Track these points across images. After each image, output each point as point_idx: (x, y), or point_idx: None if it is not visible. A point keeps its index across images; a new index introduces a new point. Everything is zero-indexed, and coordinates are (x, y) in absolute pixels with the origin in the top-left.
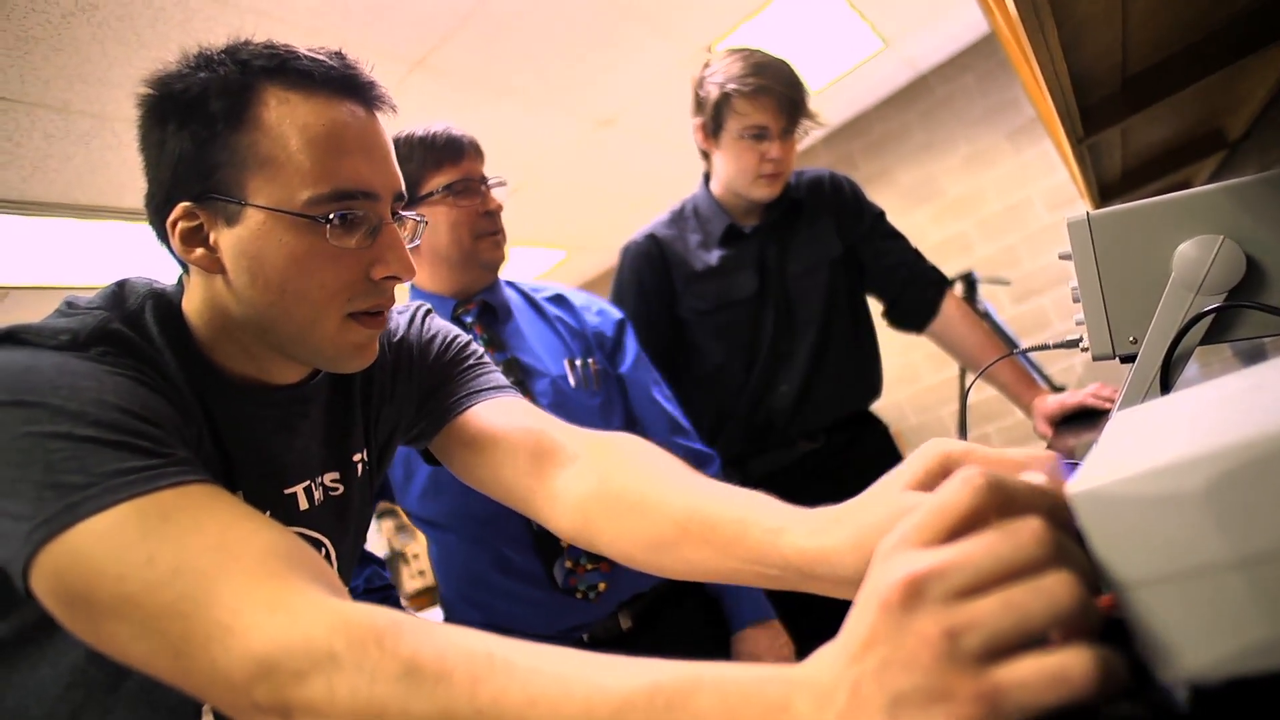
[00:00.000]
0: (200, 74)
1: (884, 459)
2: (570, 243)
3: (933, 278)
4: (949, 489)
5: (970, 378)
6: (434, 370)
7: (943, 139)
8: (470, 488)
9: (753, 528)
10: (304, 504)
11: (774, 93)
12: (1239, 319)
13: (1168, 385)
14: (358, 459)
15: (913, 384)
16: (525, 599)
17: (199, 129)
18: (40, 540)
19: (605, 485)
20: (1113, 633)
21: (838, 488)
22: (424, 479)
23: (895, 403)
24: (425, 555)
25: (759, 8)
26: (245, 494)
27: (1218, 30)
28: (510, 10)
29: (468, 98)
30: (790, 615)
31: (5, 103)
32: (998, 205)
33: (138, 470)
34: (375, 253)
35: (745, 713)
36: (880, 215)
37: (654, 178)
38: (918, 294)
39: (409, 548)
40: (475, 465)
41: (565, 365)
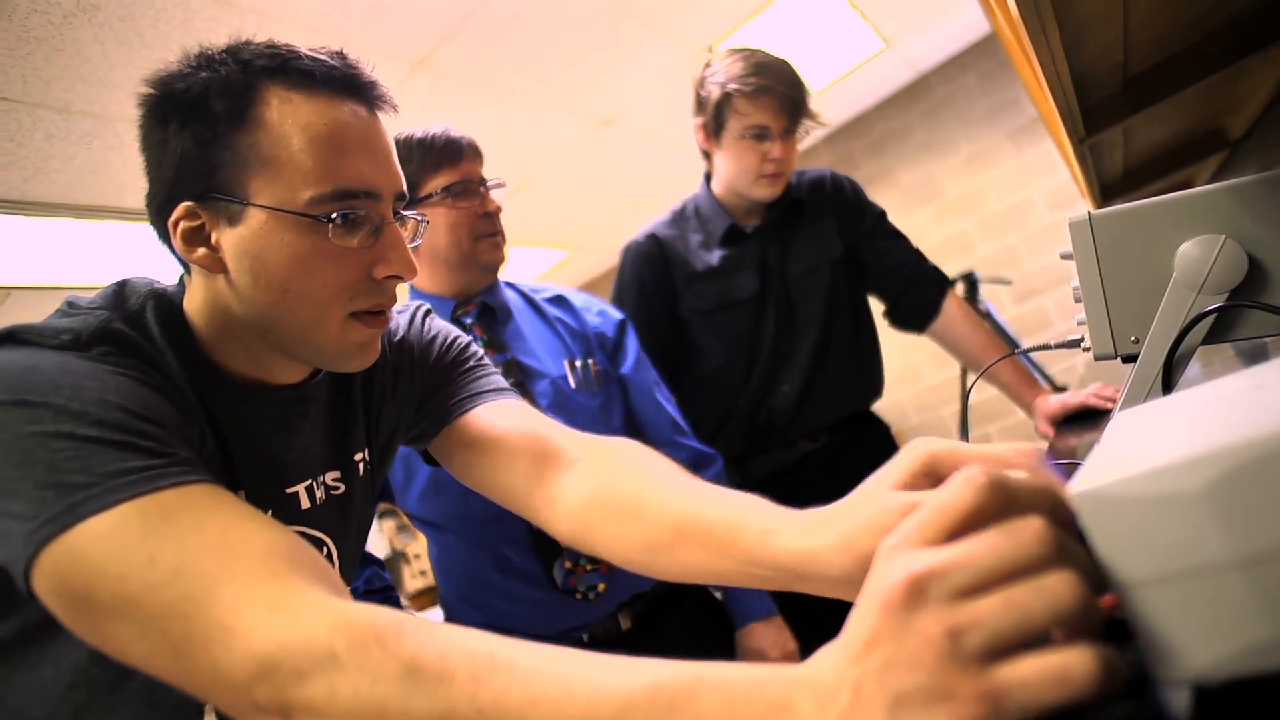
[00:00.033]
0: (202, 74)
1: (885, 459)
2: (571, 243)
3: (934, 278)
4: (951, 488)
5: (972, 378)
6: (435, 371)
7: (944, 139)
8: (470, 488)
9: (746, 530)
10: (305, 503)
11: (775, 93)
12: (1241, 319)
13: (1169, 385)
14: (359, 458)
15: (914, 384)
16: (525, 599)
17: (201, 129)
18: (42, 540)
19: (603, 489)
20: (1114, 632)
21: (839, 488)
22: (424, 480)
23: (897, 402)
24: (426, 555)
25: (760, 8)
26: (247, 493)
27: (1219, 30)
28: (511, 10)
29: (468, 98)
30: (791, 614)
31: (7, 103)
32: (999, 205)
33: (140, 470)
34: (377, 252)
35: (747, 713)
36: (881, 215)
37: (655, 178)
38: (919, 294)
39: (410, 548)
40: (475, 467)
41: (565, 366)
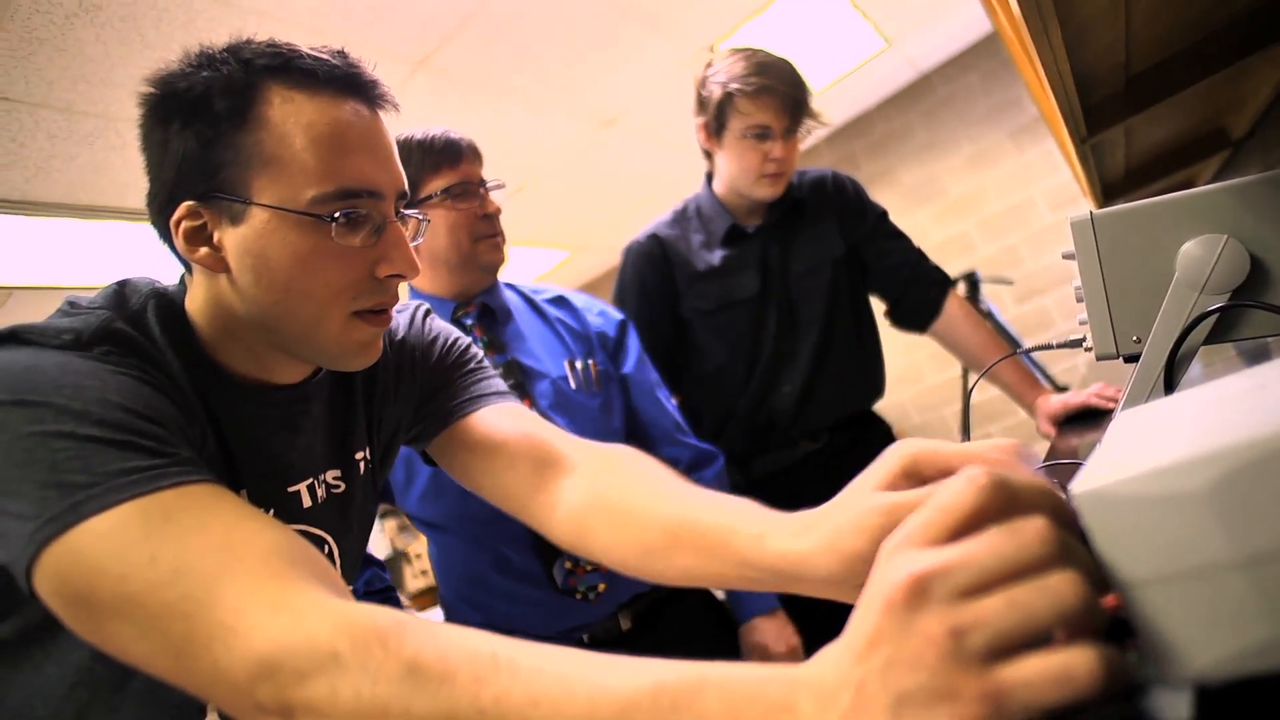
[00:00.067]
0: (203, 73)
1: None
2: (572, 243)
3: (936, 277)
4: (953, 488)
5: (973, 378)
6: (435, 372)
7: (945, 138)
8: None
9: (737, 534)
10: (307, 501)
11: (777, 92)
12: (1243, 318)
13: (1171, 385)
14: (360, 457)
15: (915, 384)
16: (525, 600)
17: (203, 128)
18: (43, 540)
19: (601, 495)
20: (1117, 632)
21: (840, 487)
22: (425, 481)
23: (898, 402)
24: (427, 555)
25: (761, 7)
26: (249, 493)
27: (1220, 29)
28: (512, 10)
29: (469, 98)
30: (794, 612)
31: (9, 103)
32: (1000, 205)
33: (141, 470)
34: (380, 251)
35: (749, 713)
36: (883, 215)
37: (655, 178)
38: (921, 294)
39: (411, 547)
40: (476, 470)
41: (565, 366)
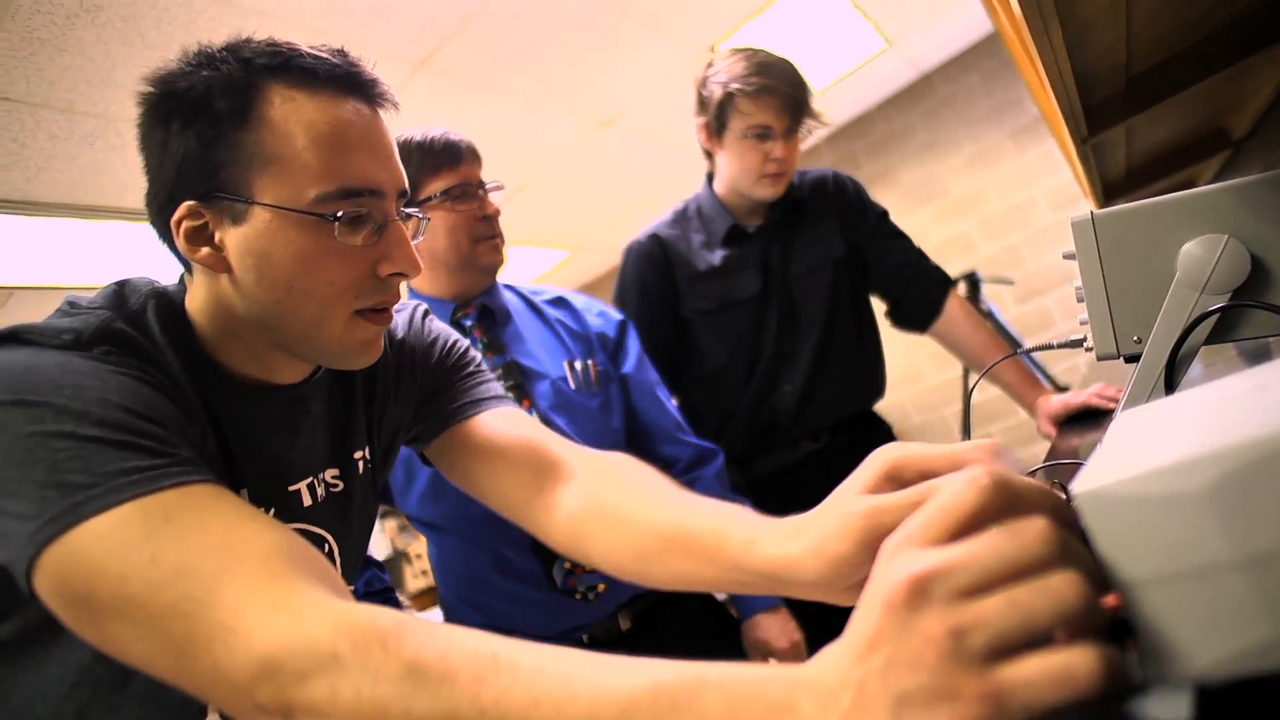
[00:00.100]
0: (203, 72)
1: None
2: (572, 243)
3: (936, 277)
4: (954, 488)
5: (974, 378)
6: (435, 374)
7: (946, 138)
8: None
9: (730, 539)
10: (307, 500)
11: (778, 92)
12: (1243, 318)
13: (1172, 385)
14: (359, 456)
15: (916, 384)
16: (525, 600)
17: (204, 128)
18: (44, 540)
19: (598, 501)
20: (1117, 632)
21: None
22: (424, 482)
23: (898, 402)
24: (428, 555)
25: (762, 7)
26: (249, 492)
27: (1221, 29)
28: (512, 10)
29: (470, 98)
30: (797, 610)
31: (10, 104)
32: (1001, 205)
33: (141, 470)
34: (381, 250)
35: (750, 713)
36: (883, 215)
37: (656, 178)
38: (921, 294)
39: (412, 547)
40: (475, 473)
41: (565, 367)
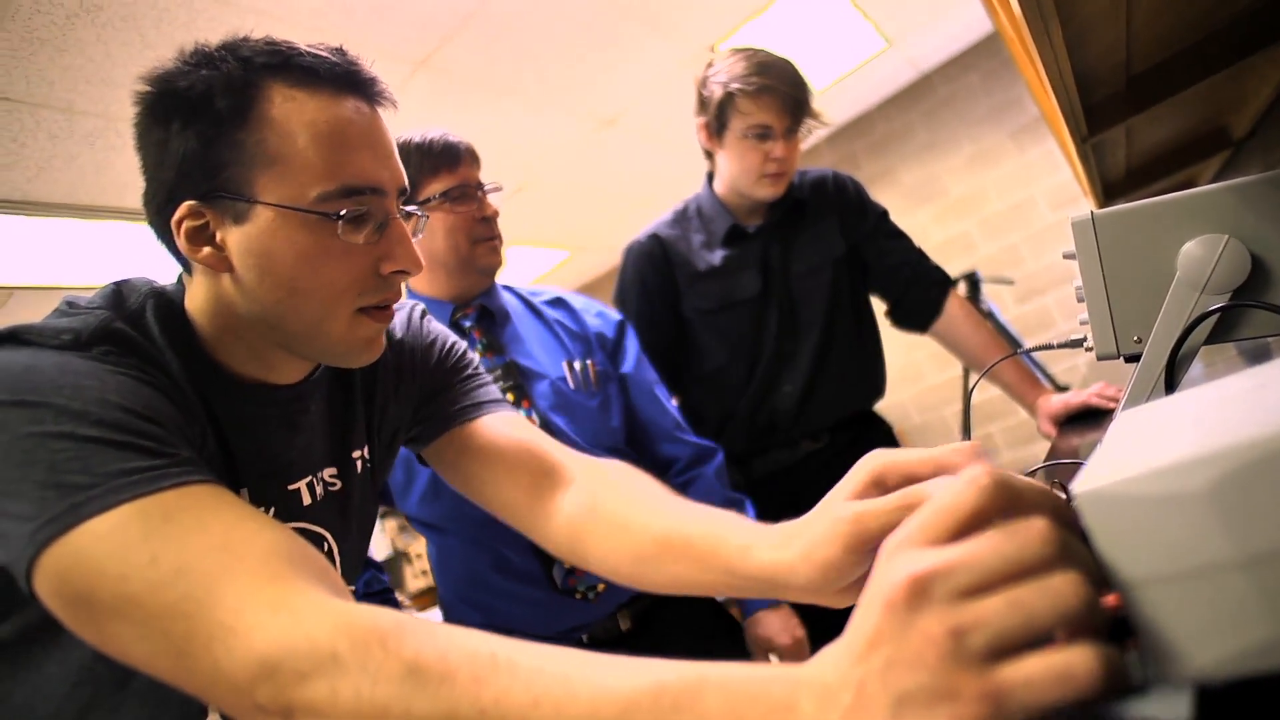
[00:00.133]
0: (203, 71)
1: None
2: (572, 243)
3: (936, 277)
4: (954, 488)
5: (974, 377)
6: (434, 375)
7: (946, 138)
8: None
9: (725, 544)
10: (307, 499)
11: (778, 92)
12: (1243, 318)
13: (1172, 385)
14: (357, 455)
15: (916, 383)
16: (525, 599)
17: (205, 127)
18: (43, 541)
19: (597, 506)
20: (1117, 631)
21: None
22: (424, 482)
23: (899, 402)
24: (427, 555)
25: (762, 7)
26: (249, 492)
27: (1221, 29)
28: (512, 10)
29: (470, 98)
30: (799, 609)
31: (10, 104)
32: (1001, 204)
33: (141, 470)
34: (383, 248)
35: (750, 712)
36: (884, 215)
37: (656, 178)
38: (921, 294)
39: (412, 547)
40: (475, 477)
41: (564, 367)
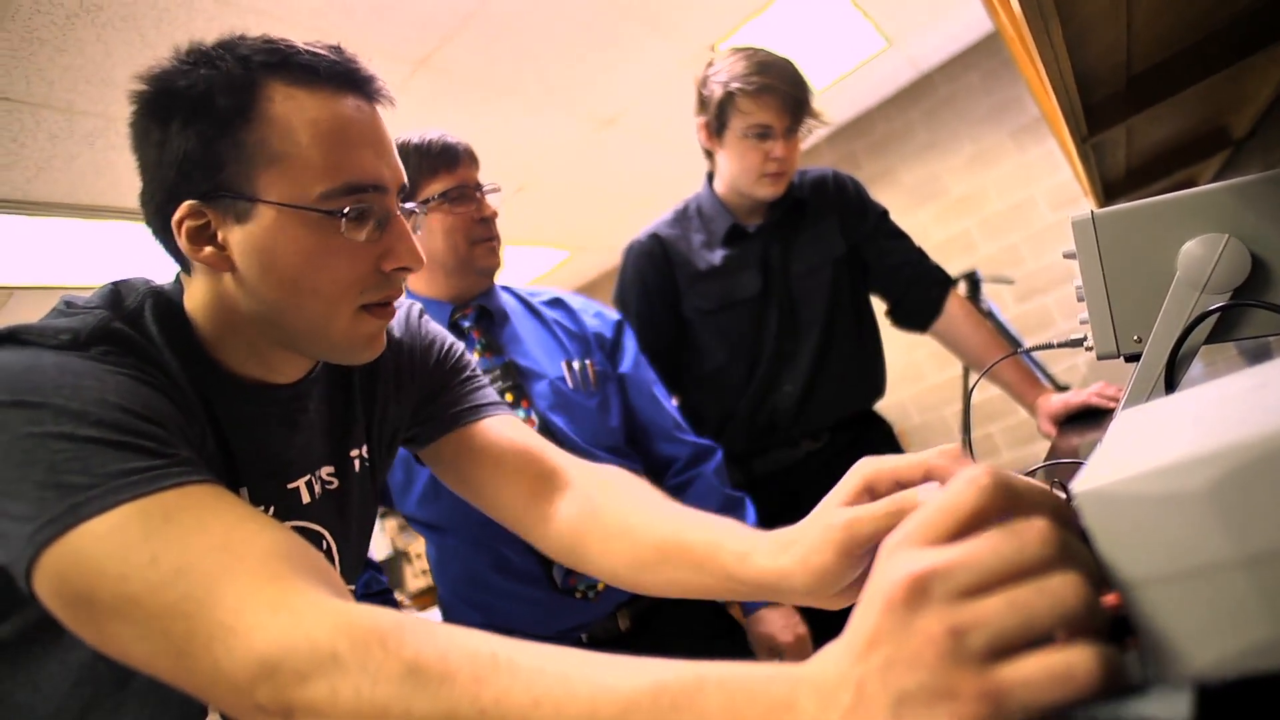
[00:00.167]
0: (202, 70)
1: None
2: (572, 243)
3: (937, 277)
4: (954, 488)
5: (974, 377)
6: (433, 376)
7: (946, 138)
8: None
9: (723, 550)
10: (306, 497)
11: (778, 91)
12: (1244, 318)
13: (1172, 384)
14: (355, 454)
15: (916, 383)
16: (524, 599)
17: (205, 126)
18: (43, 541)
19: (594, 511)
20: (1117, 631)
21: None
22: (424, 482)
23: (899, 402)
24: (426, 556)
25: (762, 7)
26: (249, 490)
27: (1221, 29)
28: (512, 10)
29: (470, 98)
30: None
31: (10, 104)
32: (1001, 204)
33: (141, 470)
34: (385, 245)
35: (750, 712)
36: (884, 214)
37: (656, 178)
38: (922, 293)
39: (412, 547)
40: (474, 479)
41: (563, 367)
